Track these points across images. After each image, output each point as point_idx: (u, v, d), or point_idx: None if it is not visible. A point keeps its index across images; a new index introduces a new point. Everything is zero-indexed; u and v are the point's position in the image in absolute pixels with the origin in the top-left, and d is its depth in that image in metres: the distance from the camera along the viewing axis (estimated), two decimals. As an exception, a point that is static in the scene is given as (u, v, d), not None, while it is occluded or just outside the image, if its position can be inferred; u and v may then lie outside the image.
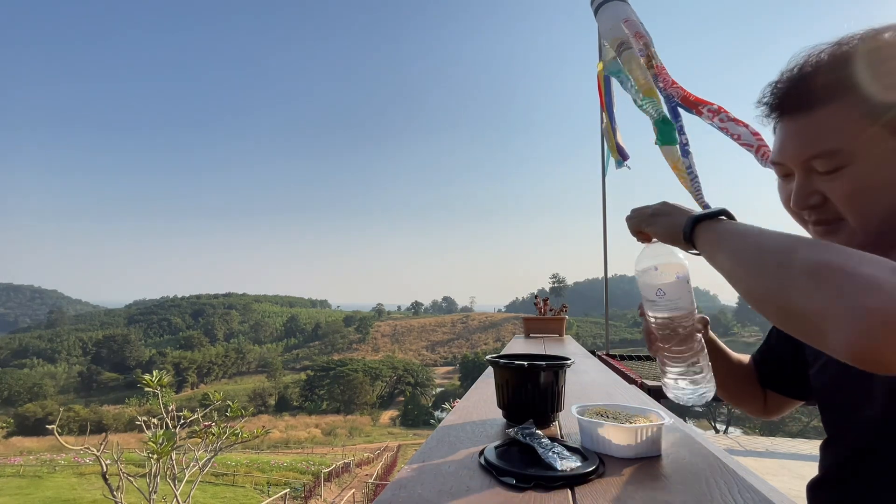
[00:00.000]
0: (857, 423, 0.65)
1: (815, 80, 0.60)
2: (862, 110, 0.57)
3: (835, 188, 0.61)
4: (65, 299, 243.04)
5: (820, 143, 0.60)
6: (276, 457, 31.25)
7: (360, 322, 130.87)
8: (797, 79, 0.62)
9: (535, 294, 3.53)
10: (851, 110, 0.58)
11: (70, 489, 20.09)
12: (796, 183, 0.65)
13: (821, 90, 0.60)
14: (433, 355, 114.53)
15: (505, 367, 0.89)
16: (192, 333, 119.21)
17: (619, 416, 0.77)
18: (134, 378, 28.58)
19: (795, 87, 0.62)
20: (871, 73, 0.56)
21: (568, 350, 2.46)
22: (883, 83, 0.56)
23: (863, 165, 0.58)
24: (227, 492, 20.70)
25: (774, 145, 0.68)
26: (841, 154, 0.59)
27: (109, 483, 2.66)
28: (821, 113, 0.60)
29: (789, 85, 0.63)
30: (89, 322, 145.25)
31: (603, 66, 4.07)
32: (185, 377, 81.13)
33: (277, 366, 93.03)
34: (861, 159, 0.58)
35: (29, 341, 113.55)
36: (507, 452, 0.70)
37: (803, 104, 0.61)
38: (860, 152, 0.58)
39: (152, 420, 3.07)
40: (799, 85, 0.62)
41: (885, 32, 0.58)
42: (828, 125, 0.60)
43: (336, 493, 21.05)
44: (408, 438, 42.15)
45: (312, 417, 56.18)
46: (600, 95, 4.35)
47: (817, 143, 0.60)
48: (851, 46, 0.59)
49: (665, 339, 0.75)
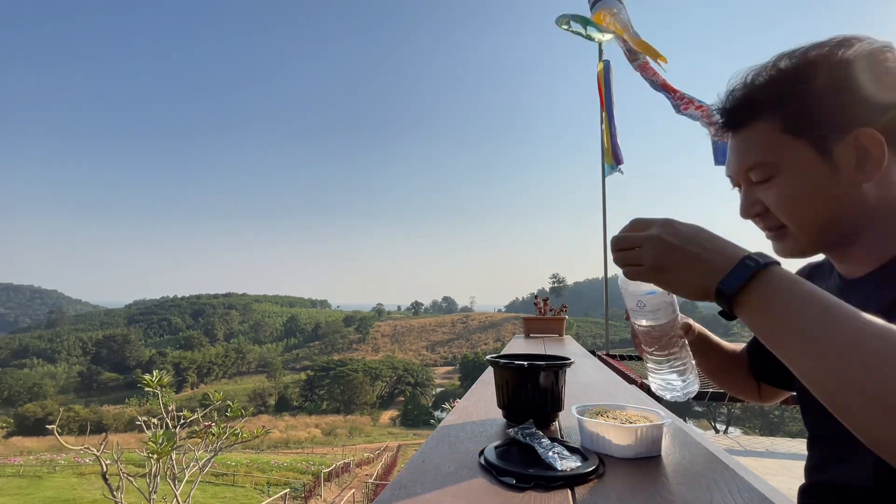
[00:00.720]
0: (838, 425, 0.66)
1: (745, 98, 0.67)
2: (783, 125, 0.64)
3: (768, 197, 0.67)
4: (65, 299, 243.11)
5: (751, 156, 0.67)
6: (276, 457, 31.26)
7: (360, 322, 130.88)
8: (732, 98, 0.69)
9: (535, 294, 3.53)
10: (775, 126, 0.64)
11: (70, 489, 20.09)
12: (741, 194, 0.72)
13: (750, 108, 0.66)
14: (433, 355, 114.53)
15: (505, 367, 0.89)
16: (192, 333, 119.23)
17: (619, 416, 0.77)
18: (134, 378, 28.61)
19: (731, 106, 0.69)
20: (790, 91, 0.63)
21: (568, 350, 2.46)
22: (801, 101, 0.62)
23: (788, 175, 0.64)
24: (227, 492, 20.71)
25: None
26: (769, 166, 0.66)
27: (109, 483, 2.66)
28: (751, 129, 0.67)
29: (726, 104, 0.69)
30: (89, 322, 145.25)
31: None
32: (185, 377, 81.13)
33: (277, 366, 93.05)
34: (786, 170, 0.64)
35: (29, 341, 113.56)
36: (507, 452, 0.70)
37: (737, 121, 0.68)
38: (784, 164, 0.64)
39: (152, 420, 3.06)
40: (733, 104, 0.68)
41: (810, 51, 0.64)
42: (756, 140, 0.66)
43: (336, 493, 21.06)
44: (408, 438, 42.15)
45: (312, 417, 56.19)
46: (600, 95, 4.35)
47: (749, 156, 0.67)
48: (777, 66, 0.65)
49: (648, 343, 0.80)
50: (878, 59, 0.60)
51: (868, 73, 0.60)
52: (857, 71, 0.60)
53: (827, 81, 0.61)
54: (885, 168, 0.61)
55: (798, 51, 0.64)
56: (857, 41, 0.62)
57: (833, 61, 0.61)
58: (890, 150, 0.60)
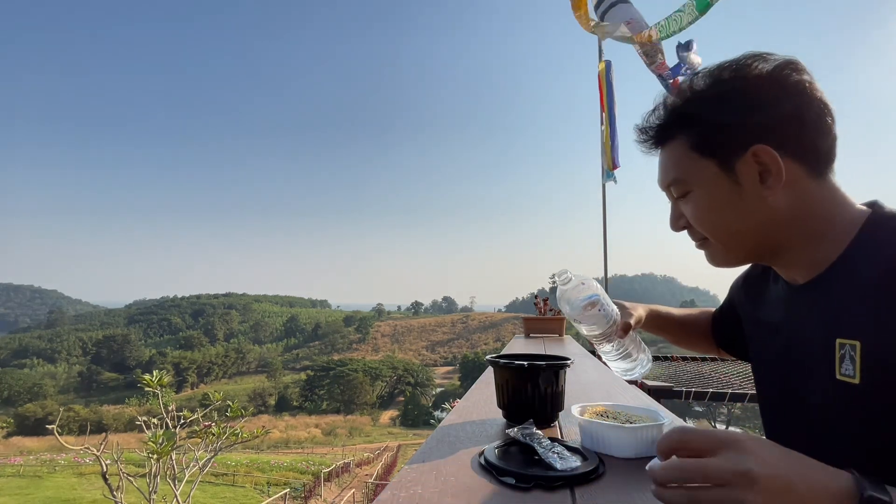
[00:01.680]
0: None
1: (662, 118, 0.71)
2: (692, 144, 0.68)
3: (687, 211, 0.72)
4: (65, 299, 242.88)
5: (669, 173, 0.72)
6: (276, 457, 31.25)
7: (360, 322, 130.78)
8: (652, 118, 0.73)
9: (535, 294, 3.53)
10: (686, 144, 0.69)
11: (70, 489, 20.08)
12: (670, 208, 0.77)
13: (665, 128, 0.71)
14: (433, 355, 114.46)
15: (505, 367, 0.89)
16: (192, 333, 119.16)
17: (619, 416, 0.77)
18: (134, 378, 28.58)
19: (649, 126, 0.73)
20: (697, 111, 0.67)
21: (568, 350, 2.46)
22: (706, 120, 0.66)
23: (700, 192, 0.69)
24: (227, 492, 20.69)
25: None
26: (683, 182, 0.70)
27: (109, 483, 2.65)
28: (667, 147, 0.72)
29: (648, 124, 0.74)
30: (89, 322, 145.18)
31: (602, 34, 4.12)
32: (185, 377, 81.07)
33: (277, 366, 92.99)
34: (698, 186, 0.69)
35: (29, 341, 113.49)
36: (507, 452, 0.70)
37: (656, 140, 0.73)
38: (695, 181, 0.69)
39: (152, 420, 3.06)
40: (652, 123, 0.73)
41: (716, 71, 0.67)
42: (672, 158, 0.71)
43: (336, 493, 21.04)
44: (408, 438, 42.13)
45: (312, 417, 56.15)
46: (601, 95, 4.35)
47: (668, 173, 0.73)
48: (689, 86, 0.69)
49: (594, 340, 0.90)
50: (779, 77, 0.63)
51: (768, 91, 0.63)
52: (758, 89, 0.63)
53: (729, 100, 0.65)
54: (794, 180, 0.63)
55: (707, 70, 0.68)
56: (760, 60, 0.64)
57: (736, 80, 0.65)
58: (795, 163, 0.63)
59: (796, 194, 0.64)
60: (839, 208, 0.64)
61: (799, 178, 0.63)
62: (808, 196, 0.64)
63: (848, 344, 0.58)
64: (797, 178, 0.63)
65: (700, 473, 0.42)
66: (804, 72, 0.64)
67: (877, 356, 0.55)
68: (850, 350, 0.58)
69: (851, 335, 0.58)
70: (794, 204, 0.64)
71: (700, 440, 0.44)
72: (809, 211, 0.64)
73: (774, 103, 0.63)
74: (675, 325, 1.02)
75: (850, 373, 0.57)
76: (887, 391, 0.54)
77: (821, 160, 0.64)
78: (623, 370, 0.91)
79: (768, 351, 0.77)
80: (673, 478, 0.43)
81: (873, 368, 0.55)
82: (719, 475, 0.41)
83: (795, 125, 0.62)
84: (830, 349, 0.61)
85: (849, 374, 0.58)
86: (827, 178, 0.65)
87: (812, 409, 0.65)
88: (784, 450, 0.44)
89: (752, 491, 0.40)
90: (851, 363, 0.57)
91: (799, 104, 0.62)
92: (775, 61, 0.64)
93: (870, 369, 0.55)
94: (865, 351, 0.56)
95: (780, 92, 0.63)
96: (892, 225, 0.60)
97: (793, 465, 0.42)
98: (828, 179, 0.65)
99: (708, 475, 0.42)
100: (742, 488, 0.40)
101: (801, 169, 0.63)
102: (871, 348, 0.55)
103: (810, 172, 0.64)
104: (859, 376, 0.56)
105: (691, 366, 3.56)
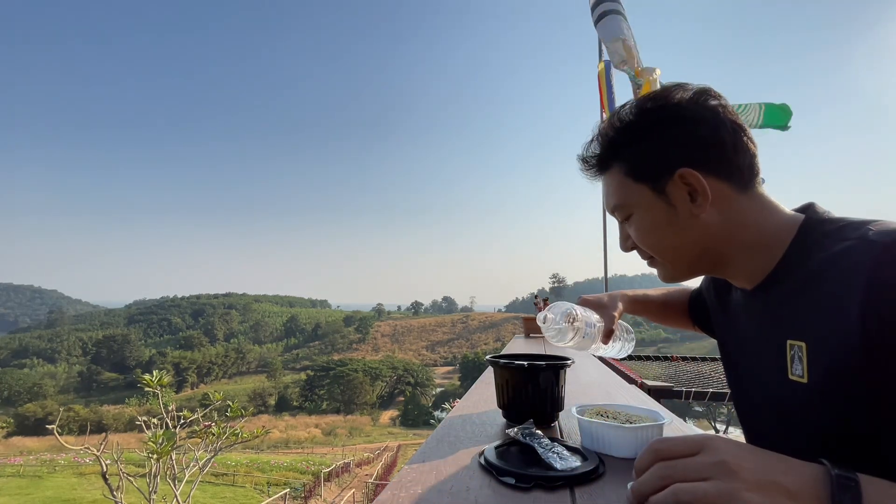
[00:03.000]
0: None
1: (599, 147, 0.75)
2: (626, 171, 0.72)
3: (631, 233, 0.76)
4: (65, 299, 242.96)
5: (611, 199, 0.76)
6: (276, 457, 31.25)
7: (360, 322, 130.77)
8: (592, 148, 0.76)
9: (535, 294, 3.53)
10: (620, 171, 0.73)
11: (70, 489, 20.08)
12: (619, 231, 0.81)
13: (602, 156, 0.75)
14: (433, 355, 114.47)
15: (505, 367, 0.89)
16: (192, 333, 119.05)
17: (619, 416, 0.77)
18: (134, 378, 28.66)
19: (589, 154, 0.77)
20: (628, 140, 0.71)
21: (568, 350, 2.46)
22: (636, 148, 0.71)
23: (639, 215, 0.73)
24: (227, 492, 20.70)
25: None
26: (624, 206, 0.75)
27: (109, 483, 2.65)
28: (607, 175, 0.76)
29: (588, 154, 0.77)
30: (89, 322, 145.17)
31: (603, 67, 4.10)
32: (185, 377, 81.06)
33: (277, 366, 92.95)
34: (636, 210, 0.73)
35: (29, 341, 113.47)
36: (507, 452, 0.70)
37: (597, 168, 0.77)
38: (633, 204, 0.73)
39: (152, 420, 3.06)
40: (591, 152, 0.77)
41: (642, 101, 0.71)
42: (611, 184, 0.75)
43: (336, 493, 21.05)
44: (408, 438, 42.13)
45: (312, 417, 56.16)
46: (601, 94, 4.36)
47: (610, 199, 0.77)
48: (619, 116, 0.72)
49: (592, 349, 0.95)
50: (696, 103, 0.68)
51: (687, 117, 0.68)
52: (678, 116, 0.68)
53: (653, 128, 0.69)
54: (722, 198, 0.68)
55: (635, 101, 0.72)
56: (679, 89, 0.70)
57: (658, 109, 0.69)
58: (719, 181, 0.67)
59: (726, 209, 0.68)
60: (770, 217, 0.68)
61: (726, 194, 0.68)
62: (737, 210, 0.68)
63: (796, 345, 0.61)
64: (724, 194, 0.68)
65: (680, 472, 0.44)
66: (720, 97, 0.69)
67: (822, 356, 0.57)
68: (798, 351, 0.60)
69: (799, 336, 0.61)
70: (725, 218, 0.68)
71: (674, 448, 0.46)
72: (741, 223, 0.68)
73: (693, 128, 0.67)
74: (655, 307, 1.08)
75: (800, 373, 0.60)
76: (833, 390, 0.56)
77: (744, 175, 0.68)
78: (614, 353, 0.97)
79: (733, 354, 0.81)
80: (655, 486, 0.45)
81: (819, 368, 0.57)
82: (698, 470, 0.43)
83: (714, 147, 0.67)
84: (782, 350, 0.64)
85: (798, 374, 0.61)
86: (754, 191, 0.69)
87: (773, 409, 0.68)
88: (754, 447, 0.46)
89: (734, 479, 0.42)
90: (800, 363, 0.60)
91: (716, 127, 0.67)
92: (692, 90, 0.69)
93: (816, 369, 0.58)
94: (811, 351, 0.58)
95: (697, 118, 0.67)
96: (824, 229, 0.63)
97: (766, 455, 0.45)
98: (755, 192, 0.69)
99: (688, 474, 0.44)
100: (724, 478, 0.42)
101: (727, 185, 0.68)
102: (816, 348, 0.58)
103: (735, 188, 0.68)
104: (807, 376, 0.59)
105: (691, 366, 3.57)
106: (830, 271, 0.57)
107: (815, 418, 0.59)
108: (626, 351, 0.98)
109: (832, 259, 0.58)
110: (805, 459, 0.45)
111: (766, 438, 0.72)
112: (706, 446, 0.45)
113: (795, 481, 0.42)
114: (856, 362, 0.52)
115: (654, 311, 1.08)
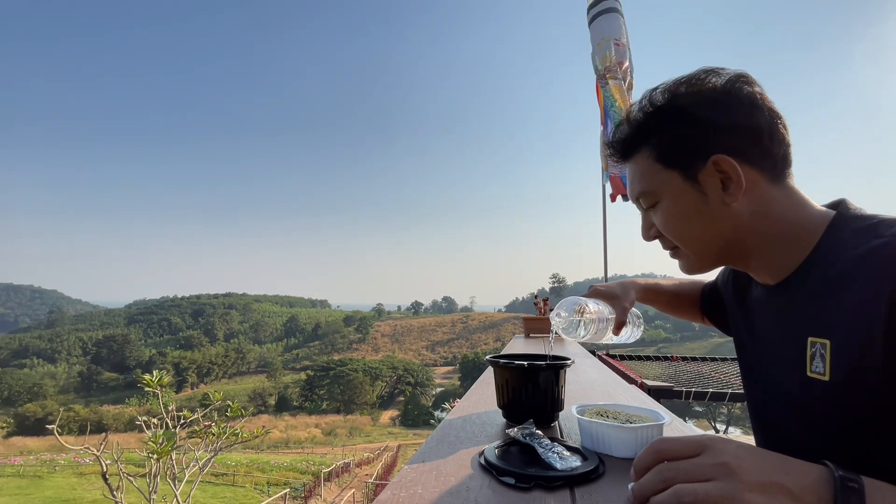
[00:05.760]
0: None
1: (628, 132, 0.74)
2: (656, 157, 0.70)
3: (657, 221, 0.74)
4: (65, 299, 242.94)
5: (636, 185, 0.75)
6: (276, 457, 31.24)
7: (360, 322, 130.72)
8: (620, 132, 0.75)
9: (535, 294, 3.53)
10: (651, 157, 0.71)
11: (70, 489, 20.07)
12: (641, 219, 0.79)
13: (631, 141, 0.73)
14: (433, 355, 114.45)
15: (505, 367, 0.89)
16: (192, 333, 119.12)
17: (619, 416, 0.77)
18: (134, 378, 28.57)
19: (616, 140, 0.76)
20: (660, 124, 0.70)
21: (568, 350, 2.46)
22: (668, 133, 0.69)
23: (667, 202, 0.71)
24: (227, 492, 20.68)
25: None
26: (651, 193, 0.72)
27: (109, 483, 2.65)
28: (634, 161, 0.74)
29: (616, 139, 0.76)
30: (89, 322, 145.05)
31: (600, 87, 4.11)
32: (185, 377, 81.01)
33: (277, 366, 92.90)
34: (665, 197, 0.71)
35: (29, 341, 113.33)
36: (507, 452, 0.70)
37: (624, 154, 0.76)
38: (662, 192, 0.71)
39: (152, 420, 3.06)
40: (619, 137, 0.75)
41: (674, 85, 0.69)
42: (639, 170, 0.73)
43: (336, 493, 21.04)
44: (408, 438, 42.12)
45: (312, 417, 56.11)
46: (599, 100, 4.35)
47: (635, 185, 0.75)
48: (650, 100, 0.71)
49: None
50: (731, 89, 0.66)
51: (723, 103, 0.66)
52: (714, 101, 0.66)
53: (688, 113, 0.67)
54: (755, 187, 0.66)
55: (667, 84, 0.70)
56: (713, 74, 0.68)
57: (691, 94, 0.67)
58: (754, 169, 0.65)
59: (757, 200, 0.66)
60: (801, 210, 0.67)
61: (759, 184, 0.66)
62: (769, 200, 0.66)
63: (819, 342, 0.60)
64: (757, 184, 0.66)
65: (682, 473, 0.44)
66: (755, 84, 0.67)
67: (845, 355, 0.56)
68: (820, 348, 0.60)
69: (822, 334, 0.60)
70: (757, 209, 0.67)
71: (675, 448, 0.46)
72: (772, 215, 0.67)
73: (729, 114, 0.65)
74: (666, 298, 1.08)
75: (821, 370, 0.59)
76: (855, 388, 0.55)
77: (777, 165, 0.66)
78: (624, 339, 0.99)
79: (749, 350, 0.80)
80: (657, 486, 0.44)
81: (842, 366, 0.57)
82: (700, 471, 0.43)
83: (750, 134, 0.65)
84: (802, 347, 0.63)
85: (819, 371, 0.60)
86: (786, 183, 0.67)
87: (789, 407, 0.67)
88: (756, 448, 0.46)
89: (736, 480, 0.41)
90: (822, 361, 0.59)
91: (752, 114, 0.65)
92: (727, 75, 0.67)
93: (839, 367, 0.57)
94: (835, 349, 0.58)
95: (733, 103, 0.66)
96: (856, 225, 0.61)
97: (768, 456, 0.45)
98: (787, 183, 0.67)
99: (689, 475, 0.43)
100: (726, 478, 0.42)
101: (760, 175, 0.66)
102: (840, 347, 0.57)
103: (769, 178, 0.66)
104: (829, 374, 0.58)
105: (691, 366, 3.56)
106: (862, 269, 0.56)
107: (832, 416, 0.59)
108: (635, 336, 0.99)
109: (863, 257, 0.56)
110: (818, 457, 0.45)
111: (778, 435, 0.71)
112: (708, 447, 0.45)
113: (798, 482, 0.42)
114: (883, 361, 0.52)
115: (665, 301, 1.08)
